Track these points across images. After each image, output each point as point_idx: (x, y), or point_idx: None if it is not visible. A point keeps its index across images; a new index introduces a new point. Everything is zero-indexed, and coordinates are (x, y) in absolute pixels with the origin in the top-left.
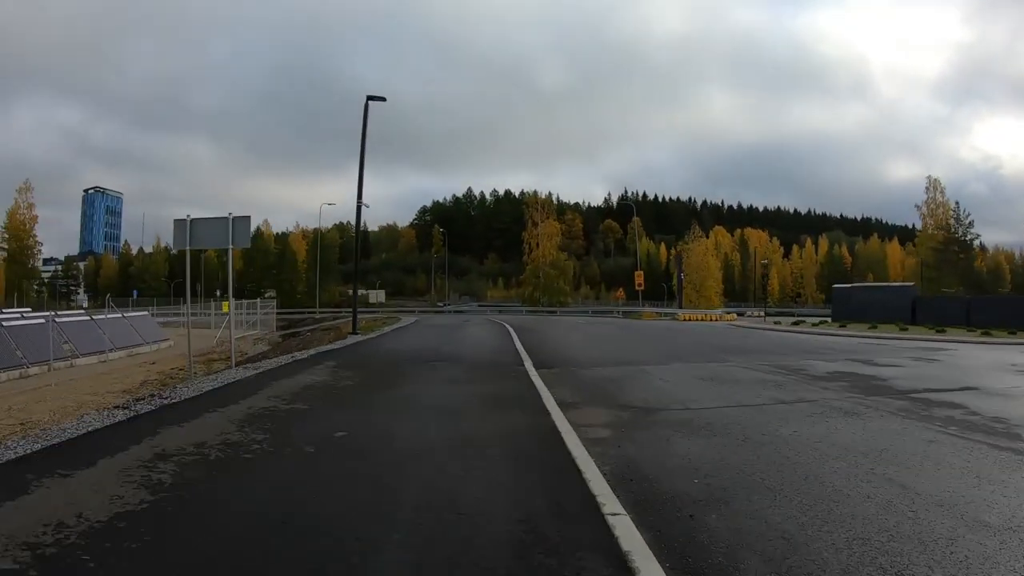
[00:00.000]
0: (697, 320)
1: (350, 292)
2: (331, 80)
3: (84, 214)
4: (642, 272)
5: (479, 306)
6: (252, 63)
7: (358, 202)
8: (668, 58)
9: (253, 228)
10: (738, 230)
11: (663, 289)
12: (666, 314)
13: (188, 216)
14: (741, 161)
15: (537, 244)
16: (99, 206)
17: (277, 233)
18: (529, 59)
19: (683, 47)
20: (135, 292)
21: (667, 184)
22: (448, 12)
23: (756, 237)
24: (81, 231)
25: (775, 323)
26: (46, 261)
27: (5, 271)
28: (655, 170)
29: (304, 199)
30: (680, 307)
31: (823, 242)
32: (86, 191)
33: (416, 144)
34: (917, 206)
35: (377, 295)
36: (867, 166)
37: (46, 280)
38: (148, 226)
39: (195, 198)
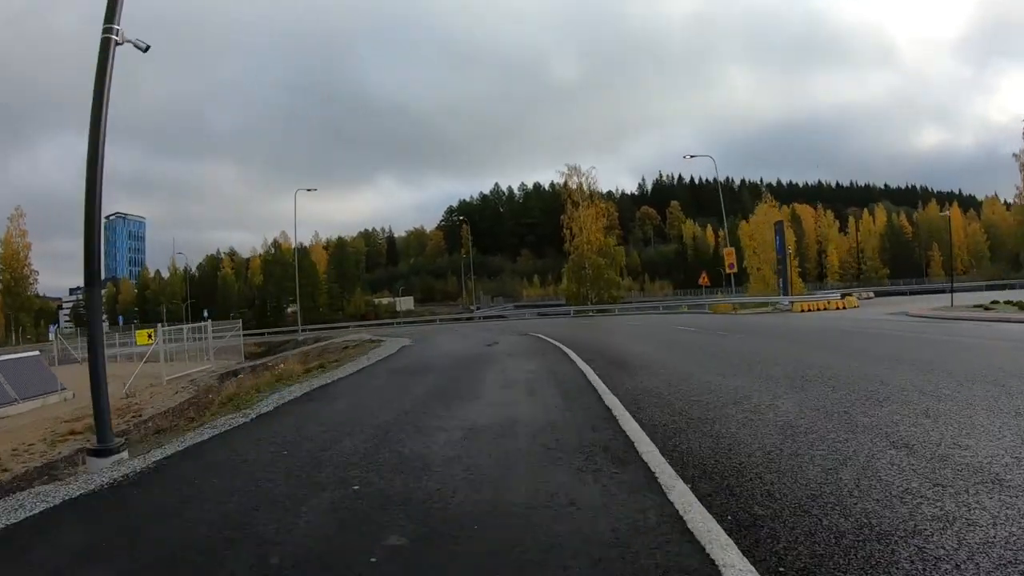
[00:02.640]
0: (818, 309)
1: (376, 300)
2: (348, 91)
3: (107, 240)
4: (732, 250)
5: (515, 307)
6: (266, 80)
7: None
8: (683, 40)
9: (270, 240)
10: (784, 206)
11: (718, 275)
12: (766, 304)
13: None
14: (768, 139)
15: (580, 229)
16: (121, 232)
17: (299, 245)
18: (543, 54)
19: (697, 27)
20: (120, 318)
21: (694, 168)
22: (458, 13)
23: (805, 213)
24: (104, 257)
25: (985, 308)
26: (72, 291)
27: (2, 304)
28: (680, 155)
29: (331, 212)
30: (787, 292)
31: (880, 213)
32: (107, 217)
33: (438, 148)
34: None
35: (404, 302)
36: (897, 135)
37: (62, 306)
38: (178, 250)
39: (222, 219)
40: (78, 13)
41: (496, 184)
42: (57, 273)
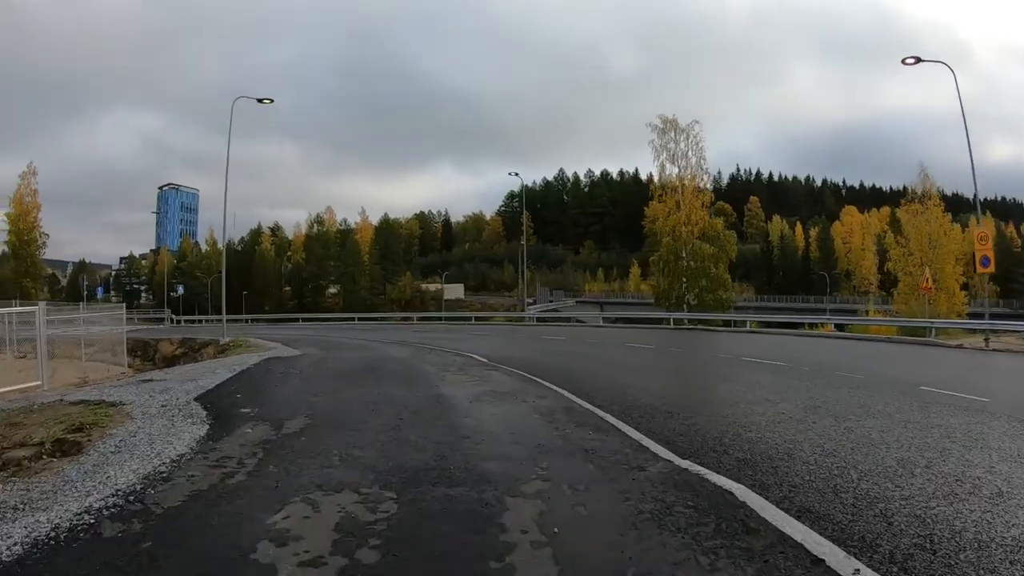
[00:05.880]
0: None
1: (424, 286)
2: (406, 76)
3: (159, 211)
4: (987, 234)
5: (576, 302)
6: (324, 63)
7: None
8: (746, 35)
9: (312, 215)
10: (874, 209)
11: (808, 280)
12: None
13: None
14: (832, 139)
15: (678, 204)
16: (174, 202)
17: (341, 222)
18: (603, 45)
19: (761, 22)
20: (99, 290)
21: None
22: (518, 1)
23: (905, 218)
24: (156, 227)
25: None
26: (121, 259)
27: (4, 268)
28: (739, 151)
29: (386, 195)
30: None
31: (988, 223)
32: (161, 188)
33: (498, 136)
34: None
35: (453, 290)
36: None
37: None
38: (237, 228)
39: (279, 198)
40: None
41: (561, 169)
42: (111, 242)
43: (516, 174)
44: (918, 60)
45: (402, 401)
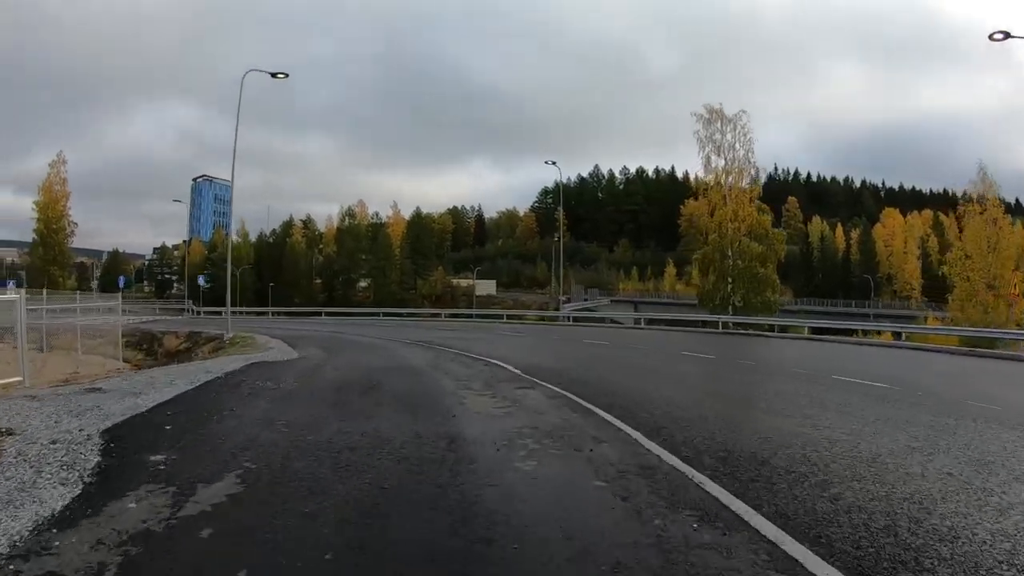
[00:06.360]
0: None
1: (455, 282)
2: (440, 72)
3: (192, 202)
4: None
5: (611, 301)
6: (358, 58)
7: None
8: (785, 33)
9: (344, 208)
10: (923, 211)
11: (848, 284)
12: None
13: None
14: (871, 140)
15: (724, 199)
16: (207, 194)
17: (373, 215)
18: (640, 41)
19: (800, 20)
20: (121, 279)
21: (811, 164)
22: None
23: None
24: (189, 219)
25: None
26: (155, 249)
27: (31, 255)
28: (776, 151)
29: (420, 190)
30: None
31: None
32: (195, 180)
33: (533, 132)
34: None
35: (484, 286)
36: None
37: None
38: (271, 220)
39: (313, 192)
40: None
41: (596, 166)
42: (146, 233)
43: (553, 163)
44: (1007, 36)
45: (398, 445)
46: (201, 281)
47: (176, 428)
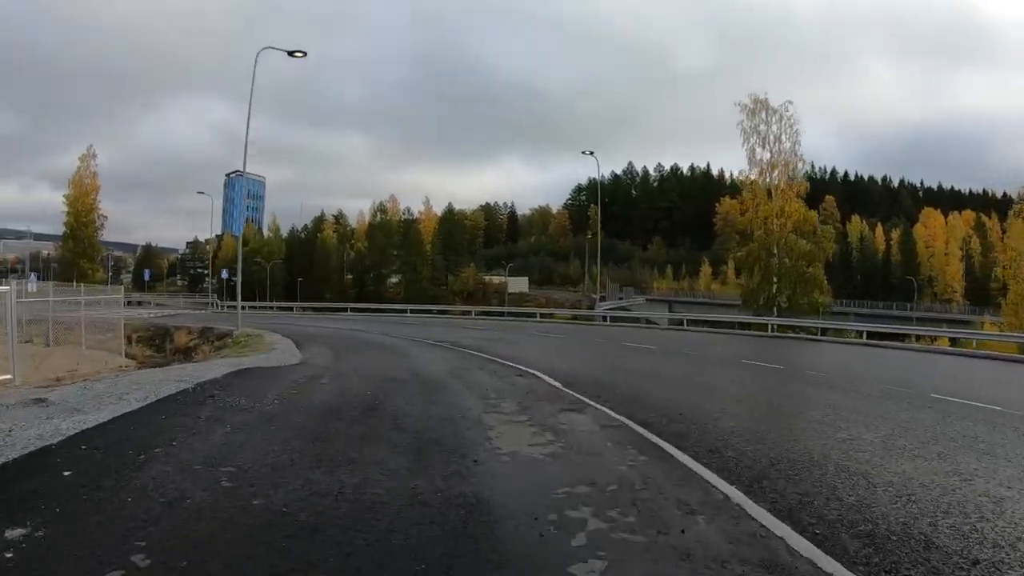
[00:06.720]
0: None
1: (487, 279)
2: (473, 69)
3: (225, 197)
4: None
5: (647, 300)
6: (390, 55)
7: None
8: (819, 29)
9: (376, 204)
10: (963, 211)
11: (887, 285)
12: None
13: None
14: (908, 139)
15: (769, 193)
16: (240, 189)
17: (404, 211)
18: (674, 38)
19: (834, 17)
20: (147, 272)
21: (848, 162)
22: None
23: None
24: (222, 214)
25: None
26: (188, 243)
27: (62, 248)
28: (812, 149)
29: (452, 187)
30: None
31: None
32: (228, 175)
33: (566, 129)
34: None
35: (516, 283)
36: None
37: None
38: (297, 215)
39: (345, 188)
40: None
41: (630, 163)
42: (179, 228)
43: (591, 153)
44: None
45: (388, 521)
46: (225, 275)
47: (78, 475)
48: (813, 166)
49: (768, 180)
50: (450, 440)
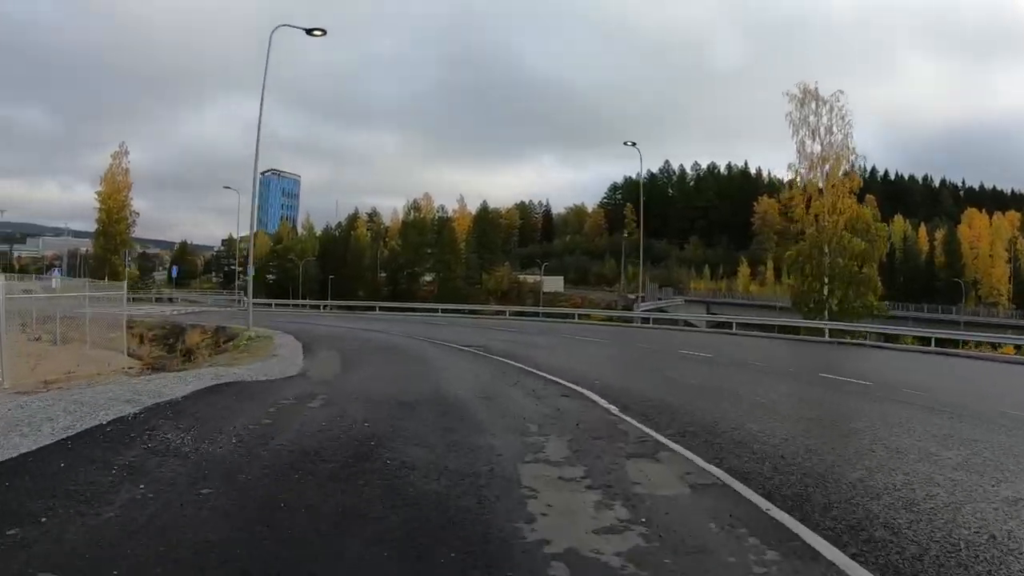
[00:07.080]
0: None
1: (522, 278)
2: (506, 67)
3: (260, 195)
4: None
5: (685, 301)
6: (425, 53)
7: None
8: (856, 25)
9: (409, 202)
10: (1007, 212)
11: (930, 287)
12: None
13: None
14: (949, 138)
15: (819, 190)
16: (275, 188)
17: (439, 208)
18: (710, 35)
19: (872, 12)
20: (175, 268)
21: (888, 160)
22: None
23: None
24: (257, 212)
25: None
26: (223, 241)
27: (94, 245)
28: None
29: (486, 185)
30: None
31: None
32: (263, 173)
33: (602, 127)
34: None
35: (551, 282)
36: None
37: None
38: (332, 213)
39: (380, 186)
40: None
41: (666, 162)
42: (216, 225)
43: (633, 144)
44: None
45: None
46: (250, 273)
47: None
48: (852, 165)
49: (819, 174)
50: (470, 521)
